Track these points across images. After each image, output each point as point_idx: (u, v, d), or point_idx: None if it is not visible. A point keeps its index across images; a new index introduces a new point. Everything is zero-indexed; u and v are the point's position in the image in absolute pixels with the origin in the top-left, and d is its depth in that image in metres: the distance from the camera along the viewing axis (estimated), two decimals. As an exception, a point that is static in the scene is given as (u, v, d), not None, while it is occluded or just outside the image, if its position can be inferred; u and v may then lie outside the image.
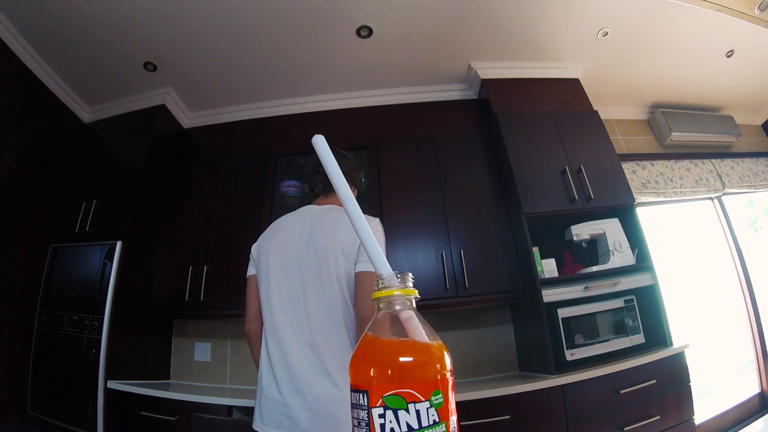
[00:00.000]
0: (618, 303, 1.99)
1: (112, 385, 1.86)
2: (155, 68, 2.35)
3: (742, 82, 2.91)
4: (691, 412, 1.79)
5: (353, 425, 0.26)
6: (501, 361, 2.24)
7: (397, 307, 0.30)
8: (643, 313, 2.00)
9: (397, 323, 0.29)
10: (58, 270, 2.18)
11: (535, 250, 2.00)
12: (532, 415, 1.62)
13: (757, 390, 2.60)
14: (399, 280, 0.31)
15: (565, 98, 2.49)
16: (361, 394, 0.26)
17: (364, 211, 0.60)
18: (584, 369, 1.73)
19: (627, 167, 2.73)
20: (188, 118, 2.76)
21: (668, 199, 2.86)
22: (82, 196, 2.24)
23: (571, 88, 2.55)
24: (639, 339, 1.94)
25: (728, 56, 2.61)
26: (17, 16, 2.02)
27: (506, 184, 2.24)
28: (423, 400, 0.25)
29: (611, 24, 2.30)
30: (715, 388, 2.65)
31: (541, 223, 2.15)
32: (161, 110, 2.51)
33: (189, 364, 2.37)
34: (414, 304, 0.31)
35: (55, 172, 2.37)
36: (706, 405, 2.35)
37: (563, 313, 1.91)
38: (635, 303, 2.00)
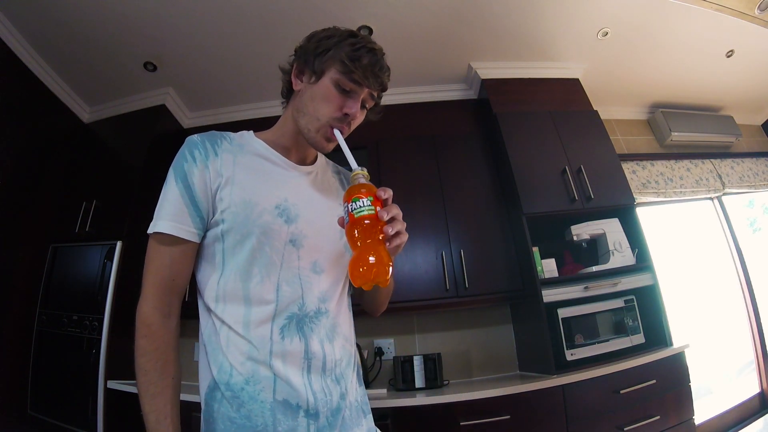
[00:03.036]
0: (618, 303, 1.99)
1: (112, 385, 1.86)
2: (155, 68, 2.35)
3: (742, 82, 2.91)
4: (691, 412, 1.79)
5: (344, 215, 0.63)
6: (501, 361, 2.24)
7: (361, 180, 0.63)
8: (643, 313, 2.00)
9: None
10: (58, 270, 2.18)
11: (535, 250, 2.00)
12: (532, 415, 1.62)
13: (757, 390, 2.60)
14: (362, 168, 0.65)
15: (565, 98, 2.49)
16: (344, 205, 0.62)
17: None
18: (584, 369, 1.73)
19: (627, 167, 2.73)
20: (188, 118, 2.76)
21: (668, 199, 2.86)
22: (82, 196, 2.24)
23: (571, 88, 2.55)
24: (639, 339, 1.94)
25: (728, 56, 2.61)
26: (17, 17, 2.02)
27: (506, 184, 2.24)
28: (366, 197, 0.60)
29: (611, 24, 2.29)
30: (715, 388, 2.65)
31: (541, 223, 2.15)
32: (161, 110, 2.51)
33: (189, 364, 2.36)
34: (365, 176, 0.64)
35: (55, 172, 2.37)
36: (706, 405, 2.35)
37: (563, 313, 1.91)
38: (635, 303, 2.00)
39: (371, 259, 0.57)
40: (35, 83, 2.28)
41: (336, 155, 0.83)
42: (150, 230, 0.68)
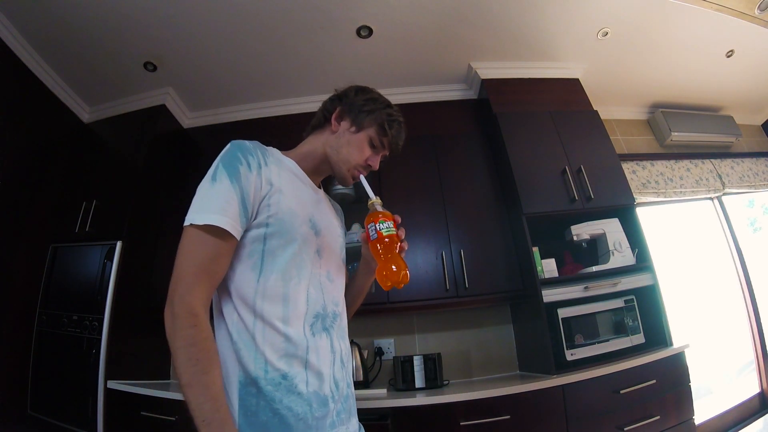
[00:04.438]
0: (618, 303, 1.99)
1: (112, 385, 1.86)
2: (155, 68, 2.35)
3: (742, 82, 2.91)
4: (691, 412, 1.79)
5: (369, 234, 0.80)
6: (501, 361, 2.24)
7: (378, 207, 0.81)
8: (643, 313, 2.00)
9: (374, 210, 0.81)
10: (58, 270, 2.18)
11: (535, 250, 2.00)
12: (532, 415, 1.62)
13: (757, 390, 2.60)
14: (377, 198, 0.83)
15: (565, 98, 2.49)
16: (371, 225, 0.79)
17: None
18: (584, 369, 1.73)
19: (627, 167, 2.73)
20: (188, 118, 2.76)
21: (668, 199, 2.86)
22: (82, 196, 2.24)
23: (571, 88, 2.55)
24: (639, 339, 1.94)
25: (728, 56, 2.61)
26: (17, 17, 2.02)
27: (506, 184, 2.24)
28: (389, 220, 0.79)
29: (611, 24, 2.30)
30: (715, 388, 2.65)
31: (541, 223, 2.15)
32: (161, 110, 2.51)
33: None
34: (380, 204, 0.82)
35: (55, 172, 2.37)
36: (706, 405, 2.35)
37: (563, 313, 1.91)
38: (635, 303, 2.00)
39: (393, 267, 0.77)
40: (35, 83, 2.28)
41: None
42: (199, 221, 0.68)
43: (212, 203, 0.70)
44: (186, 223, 0.70)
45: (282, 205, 0.75)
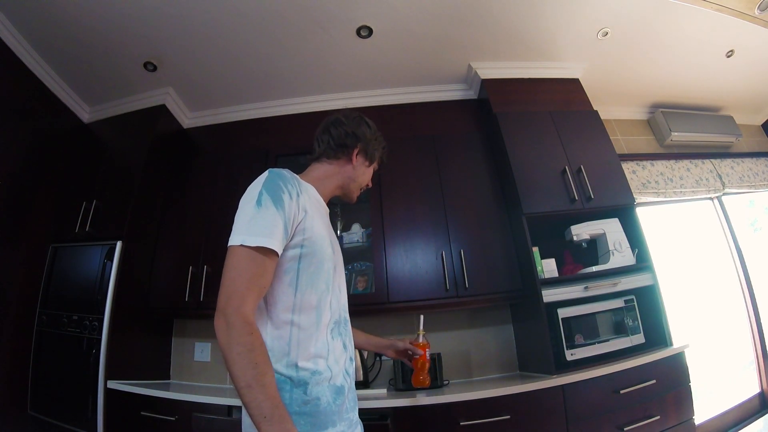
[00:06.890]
0: (618, 303, 1.99)
1: (112, 385, 1.86)
2: (155, 68, 2.35)
3: (742, 82, 2.91)
4: (691, 412, 1.79)
5: (426, 356, 1.26)
6: (501, 361, 2.24)
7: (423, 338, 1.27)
8: (643, 313, 2.00)
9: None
10: (58, 270, 2.18)
11: (535, 250, 2.00)
12: (532, 415, 1.62)
13: (757, 390, 2.60)
14: (424, 332, 1.30)
15: (565, 98, 2.49)
16: (428, 351, 1.27)
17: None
18: (584, 369, 1.73)
19: (627, 167, 2.73)
20: (188, 118, 2.76)
21: (668, 199, 2.86)
22: (82, 196, 2.24)
23: (571, 88, 2.55)
24: (639, 339, 1.94)
25: (728, 56, 2.61)
26: (17, 16, 2.02)
27: (506, 184, 2.24)
28: (428, 350, 1.27)
29: (611, 24, 2.30)
30: (715, 388, 2.65)
31: (541, 223, 2.15)
32: (161, 110, 2.51)
33: (189, 364, 2.37)
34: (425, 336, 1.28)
35: (55, 172, 2.37)
36: (706, 405, 2.35)
37: (563, 313, 1.91)
38: (635, 303, 2.00)
39: (421, 377, 1.24)
40: (35, 83, 2.28)
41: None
42: (251, 243, 0.76)
43: (261, 227, 0.78)
44: (236, 243, 0.77)
45: (315, 230, 0.86)
